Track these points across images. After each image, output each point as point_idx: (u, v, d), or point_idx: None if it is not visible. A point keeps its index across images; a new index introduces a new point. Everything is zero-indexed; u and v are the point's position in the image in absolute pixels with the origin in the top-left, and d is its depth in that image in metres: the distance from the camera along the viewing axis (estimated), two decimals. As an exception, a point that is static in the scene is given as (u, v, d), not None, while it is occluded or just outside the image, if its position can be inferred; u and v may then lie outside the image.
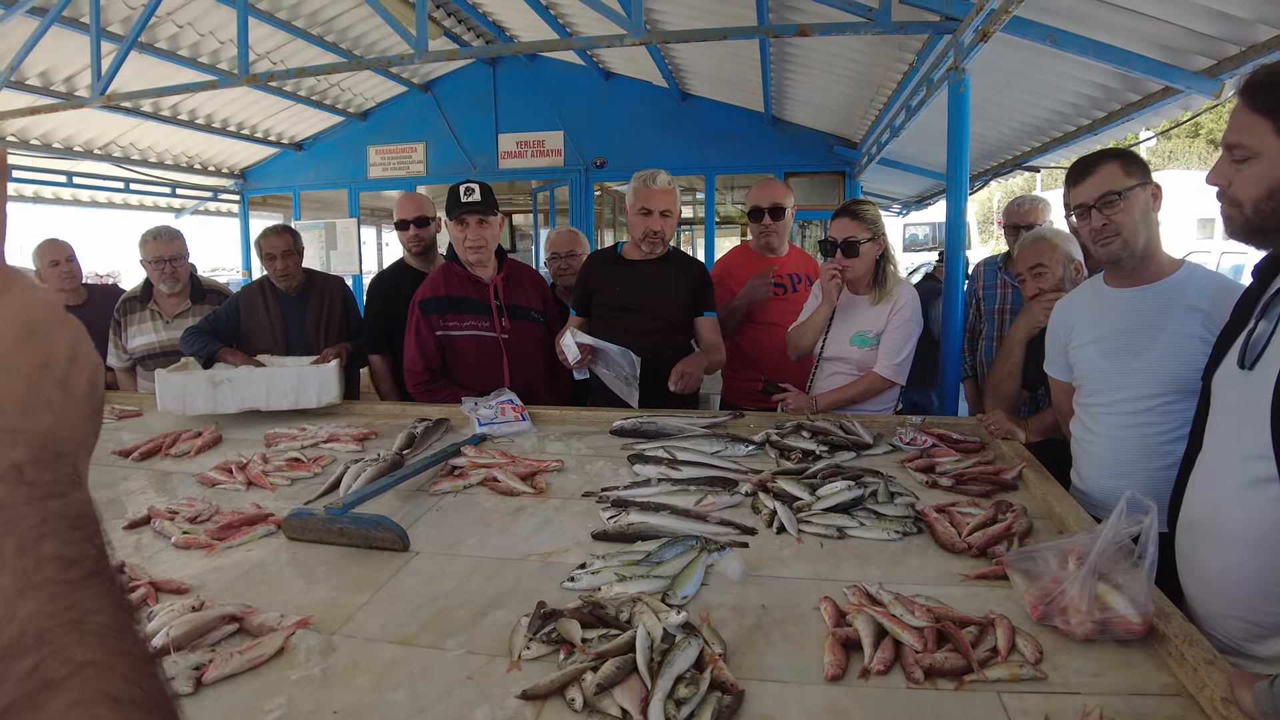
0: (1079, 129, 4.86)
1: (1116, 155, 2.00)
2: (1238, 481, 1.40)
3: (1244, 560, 1.39)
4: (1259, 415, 1.33)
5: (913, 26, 3.46)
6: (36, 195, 8.27)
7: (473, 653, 1.32)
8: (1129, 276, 2.03)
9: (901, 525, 1.80)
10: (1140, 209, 1.94)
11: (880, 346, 2.83)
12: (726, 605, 1.47)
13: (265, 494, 2.20)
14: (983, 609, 1.41)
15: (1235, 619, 1.43)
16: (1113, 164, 1.97)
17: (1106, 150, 2.06)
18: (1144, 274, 2.00)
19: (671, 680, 1.16)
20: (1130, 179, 1.94)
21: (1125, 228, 1.95)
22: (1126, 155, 1.99)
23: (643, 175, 3.02)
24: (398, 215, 3.63)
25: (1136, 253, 1.97)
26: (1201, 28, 3.05)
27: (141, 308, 3.85)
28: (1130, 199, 1.93)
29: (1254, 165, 1.36)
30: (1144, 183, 1.94)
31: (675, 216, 3.04)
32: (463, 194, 2.98)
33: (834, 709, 1.16)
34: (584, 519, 1.94)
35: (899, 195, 11.19)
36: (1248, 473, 1.37)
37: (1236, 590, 1.42)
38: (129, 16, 5.57)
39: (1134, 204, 1.94)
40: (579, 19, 6.71)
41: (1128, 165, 1.96)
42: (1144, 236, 1.96)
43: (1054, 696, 1.18)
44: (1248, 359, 1.42)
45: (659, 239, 3.02)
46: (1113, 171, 1.96)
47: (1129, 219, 1.94)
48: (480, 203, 2.98)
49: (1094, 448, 2.08)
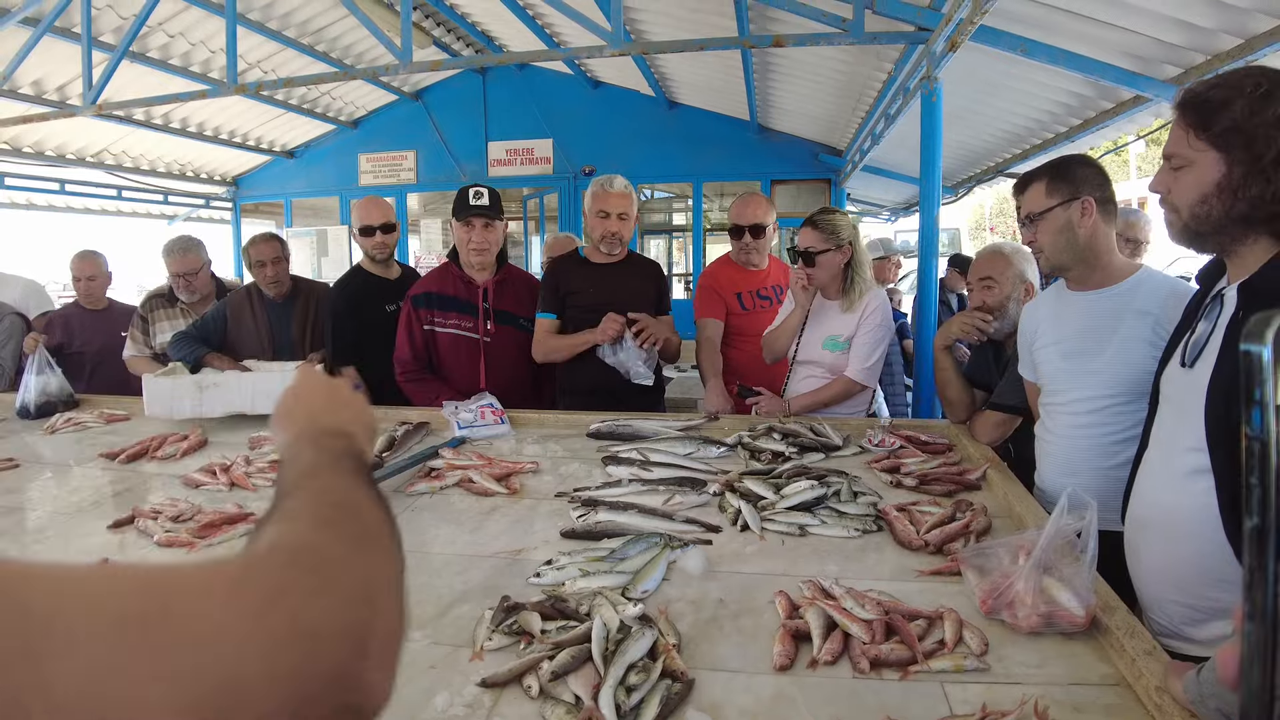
0: (1056, 136, 4.95)
1: (1045, 174, 2.05)
2: (1177, 473, 1.46)
3: (1184, 548, 1.45)
4: (1196, 409, 1.39)
5: (886, 36, 3.54)
6: (29, 203, 8.31)
7: (437, 643, 1.36)
8: (1082, 282, 2.09)
9: (861, 523, 1.84)
10: (1059, 227, 2.00)
11: (851, 351, 2.89)
12: (685, 599, 1.52)
13: (247, 494, 2.24)
14: (936, 604, 1.45)
15: (1175, 604, 1.49)
16: (1038, 184, 2.03)
17: (1042, 167, 2.10)
18: (1095, 280, 2.05)
19: (623, 668, 1.20)
20: (1050, 199, 2.00)
21: (1045, 245, 2.03)
22: (1055, 173, 2.03)
23: (600, 180, 3.13)
24: (362, 220, 3.47)
25: (1064, 265, 2.04)
26: (1168, 37, 3.13)
27: (170, 305, 3.91)
28: (1048, 219, 2.00)
29: (1188, 173, 1.43)
30: (1065, 201, 1.99)
31: (632, 219, 3.15)
32: (471, 197, 3.07)
33: (781, 697, 1.21)
34: (555, 518, 1.98)
35: (886, 202, 11.27)
36: (1186, 464, 1.44)
37: (1178, 576, 1.48)
38: (120, 26, 5.63)
39: (1051, 223, 2.00)
40: (565, 29, 6.78)
41: (1052, 184, 2.01)
42: (1068, 251, 2.01)
43: (996, 686, 1.22)
44: (1188, 357, 1.49)
45: (617, 240, 3.12)
46: (1036, 192, 2.03)
47: (1046, 238, 2.02)
48: (488, 207, 3.07)
49: (1050, 446, 2.13)
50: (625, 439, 2.62)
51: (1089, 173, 2.02)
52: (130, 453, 2.65)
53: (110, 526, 1.98)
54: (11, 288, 4.48)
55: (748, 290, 3.49)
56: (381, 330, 3.27)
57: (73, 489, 2.35)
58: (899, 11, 3.42)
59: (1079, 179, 2.00)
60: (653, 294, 3.25)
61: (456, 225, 3.14)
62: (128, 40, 4.94)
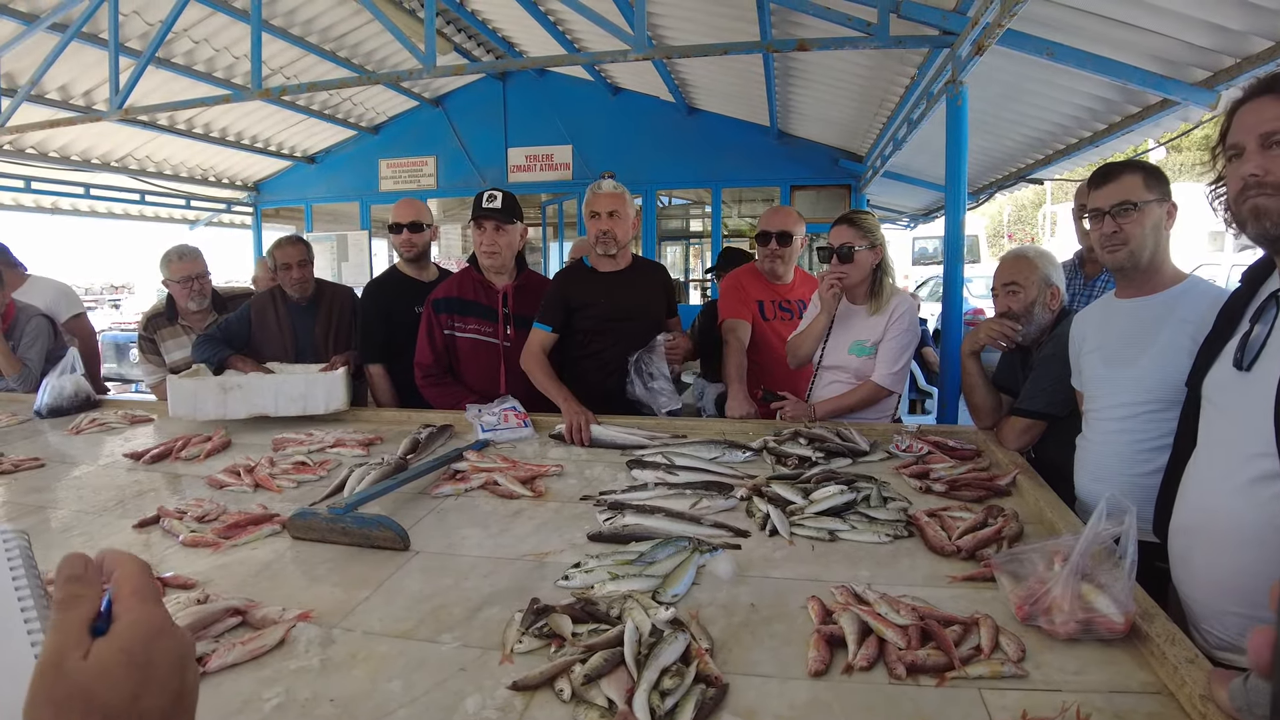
0: (1080, 141, 4.90)
1: (1140, 167, 2.03)
2: (1240, 481, 1.41)
3: (1248, 557, 1.40)
4: (1261, 414, 1.35)
5: (910, 41, 3.51)
6: (55, 206, 8.43)
7: (467, 646, 1.36)
8: (1134, 287, 2.06)
9: (892, 528, 1.83)
10: (1152, 223, 1.97)
11: (878, 355, 2.87)
12: (716, 604, 1.50)
13: (271, 495, 2.25)
14: (970, 610, 1.43)
15: (1236, 615, 1.44)
16: (1135, 175, 2.00)
17: (1132, 160, 2.10)
18: (1147, 285, 2.03)
19: (657, 672, 1.19)
20: (1149, 193, 1.97)
21: (1134, 238, 1.98)
22: (1150, 169, 2.02)
23: (591, 186, 3.15)
24: (393, 218, 3.59)
25: (1141, 264, 2.00)
26: (1197, 40, 3.09)
27: (171, 324, 3.94)
28: (1145, 211, 1.97)
29: None
30: (1161, 199, 1.98)
31: (625, 218, 3.11)
32: (485, 200, 3.09)
33: (816, 703, 1.19)
34: (581, 521, 1.97)
35: (906, 208, 11.22)
36: (1250, 470, 1.39)
37: (1238, 586, 1.43)
38: (146, 32, 5.69)
39: (1147, 217, 1.97)
40: (586, 35, 6.81)
41: (1149, 179, 1.99)
42: (1150, 250, 1.99)
43: (1035, 694, 1.20)
44: (1245, 360, 1.44)
45: (610, 238, 3.09)
46: (1133, 182, 1.99)
47: (1139, 230, 1.97)
48: (499, 209, 3.08)
49: (1085, 452, 2.10)
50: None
51: (1168, 182, 2.01)
52: (155, 453, 2.67)
53: (136, 526, 2.00)
54: (43, 291, 4.52)
55: (770, 299, 3.48)
56: (412, 331, 3.29)
57: (97, 489, 2.37)
58: (924, 15, 3.40)
59: (1166, 184, 1.99)
60: (662, 300, 3.26)
61: (473, 227, 3.16)
62: (153, 46, 4.98)
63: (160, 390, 3.91)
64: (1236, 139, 1.45)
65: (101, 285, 37.89)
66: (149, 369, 4.00)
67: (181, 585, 1.60)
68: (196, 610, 1.40)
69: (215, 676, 1.26)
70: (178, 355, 3.87)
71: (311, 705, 1.19)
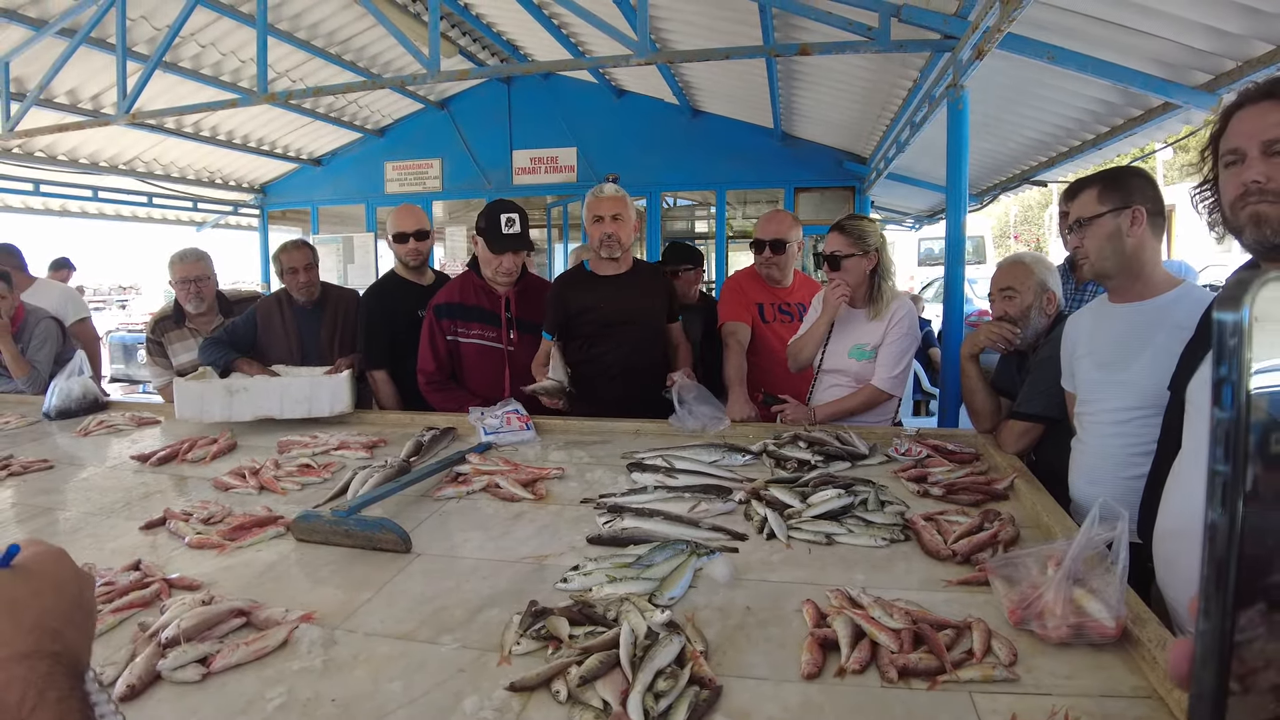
0: (1083, 143, 4.90)
1: (1099, 180, 2.04)
2: None
3: None
4: None
5: (912, 45, 3.52)
6: (63, 209, 8.50)
7: (466, 647, 1.38)
8: (1122, 293, 2.07)
9: (889, 532, 1.84)
10: (1106, 234, 1.98)
11: (878, 359, 2.88)
12: (712, 606, 1.52)
13: (276, 498, 2.28)
14: (964, 614, 1.44)
15: None
16: (1092, 189, 2.02)
17: (1096, 174, 2.10)
18: (1135, 291, 2.04)
19: (652, 674, 1.21)
20: (1101, 206, 1.99)
21: (1091, 252, 2.01)
22: (1109, 180, 2.03)
23: (592, 190, 3.16)
24: (397, 228, 3.60)
25: (1109, 273, 2.02)
26: (1198, 44, 3.09)
27: (178, 326, 3.97)
28: (1096, 224, 1.99)
29: None
30: (1116, 209, 1.98)
31: (628, 221, 3.11)
32: (504, 225, 3.10)
33: (809, 705, 1.21)
34: (581, 524, 1.99)
35: (911, 210, 11.20)
36: None
37: None
38: (154, 37, 5.74)
39: (1100, 230, 1.99)
40: (590, 39, 6.83)
41: (1105, 191, 2.00)
42: (1114, 259, 2.00)
43: (1026, 697, 1.21)
44: None
45: (614, 242, 3.09)
46: (1088, 197, 2.02)
47: (1094, 244, 2.00)
48: (519, 236, 3.12)
49: (1079, 456, 2.12)
50: None
51: (1141, 184, 2.01)
52: (161, 455, 2.70)
53: (142, 528, 2.03)
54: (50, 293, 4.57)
55: (770, 302, 3.49)
56: (413, 335, 3.31)
57: (105, 490, 2.40)
58: (925, 20, 3.41)
59: (1131, 189, 1.99)
60: (663, 305, 3.25)
61: (481, 246, 3.17)
62: (161, 50, 5.03)
63: (167, 393, 3.95)
64: (1237, 144, 1.44)
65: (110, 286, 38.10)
66: (156, 371, 4.05)
67: (187, 586, 1.63)
68: (202, 611, 1.43)
69: (220, 676, 1.29)
70: (184, 358, 3.91)
71: (313, 705, 1.21)
